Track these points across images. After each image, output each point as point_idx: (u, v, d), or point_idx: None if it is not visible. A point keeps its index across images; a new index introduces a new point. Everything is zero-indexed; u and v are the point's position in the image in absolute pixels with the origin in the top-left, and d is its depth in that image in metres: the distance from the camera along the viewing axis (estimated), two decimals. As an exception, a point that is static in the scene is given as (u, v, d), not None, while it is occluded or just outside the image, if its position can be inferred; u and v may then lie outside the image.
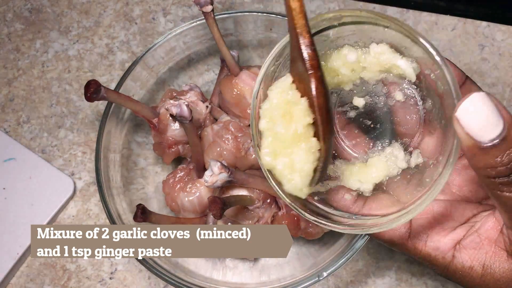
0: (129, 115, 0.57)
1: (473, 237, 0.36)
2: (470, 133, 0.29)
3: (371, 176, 0.38)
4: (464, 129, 0.29)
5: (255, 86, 0.37)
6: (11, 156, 0.60)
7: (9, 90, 0.64)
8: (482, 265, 0.35)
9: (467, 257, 0.35)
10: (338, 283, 0.56)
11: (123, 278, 0.57)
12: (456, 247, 0.36)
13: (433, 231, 0.37)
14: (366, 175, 0.38)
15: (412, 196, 0.35)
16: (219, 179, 0.45)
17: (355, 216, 0.38)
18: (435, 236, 0.37)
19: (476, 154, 0.29)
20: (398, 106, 0.38)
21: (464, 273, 0.36)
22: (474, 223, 0.36)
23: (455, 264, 0.36)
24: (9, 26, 0.67)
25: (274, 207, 0.50)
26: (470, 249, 0.35)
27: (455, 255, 0.36)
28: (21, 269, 0.57)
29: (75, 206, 0.59)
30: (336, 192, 0.39)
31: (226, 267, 0.56)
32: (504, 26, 0.65)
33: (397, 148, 0.38)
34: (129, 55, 0.66)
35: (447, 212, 0.37)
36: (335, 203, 0.39)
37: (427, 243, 0.37)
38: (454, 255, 0.36)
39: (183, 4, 0.68)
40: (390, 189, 0.38)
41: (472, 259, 0.35)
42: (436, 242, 0.37)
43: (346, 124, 0.40)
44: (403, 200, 0.36)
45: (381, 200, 0.38)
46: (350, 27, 0.36)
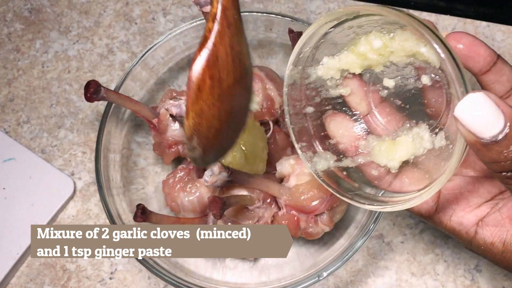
0: (129, 115, 0.57)
1: (495, 215, 0.37)
2: (471, 130, 0.29)
3: (397, 154, 0.39)
4: (465, 127, 0.29)
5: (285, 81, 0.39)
6: (11, 156, 0.60)
7: (9, 90, 0.64)
8: (502, 242, 0.36)
9: (489, 234, 0.36)
10: (338, 283, 0.56)
11: (123, 278, 0.57)
12: (479, 223, 0.37)
13: (459, 207, 0.38)
14: (393, 153, 0.39)
15: (437, 174, 0.36)
16: (219, 179, 0.45)
17: (382, 192, 0.39)
18: (460, 211, 0.38)
19: (480, 149, 0.30)
20: (425, 88, 0.39)
21: (486, 248, 0.37)
22: (498, 201, 0.37)
23: (477, 240, 0.37)
24: (9, 26, 0.67)
25: (274, 207, 0.50)
26: (492, 226, 0.36)
27: (478, 231, 0.37)
28: (21, 269, 0.57)
29: (75, 206, 0.59)
30: (365, 167, 0.40)
31: (226, 267, 0.56)
32: (504, 26, 0.65)
33: (423, 129, 0.39)
34: (129, 55, 0.66)
35: (473, 189, 0.38)
36: (363, 178, 0.40)
37: (451, 218, 0.38)
38: (477, 231, 0.37)
39: (183, 4, 0.68)
40: (417, 166, 0.39)
41: (493, 236, 0.36)
42: (460, 218, 0.37)
43: (379, 102, 0.41)
44: (429, 177, 0.37)
45: (409, 177, 0.39)
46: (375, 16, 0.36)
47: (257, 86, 0.53)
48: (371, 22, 0.37)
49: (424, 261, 0.56)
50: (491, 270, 0.56)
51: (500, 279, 0.55)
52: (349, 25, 0.37)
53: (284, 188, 0.49)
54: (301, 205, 0.48)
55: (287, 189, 0.49)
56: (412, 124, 0.40)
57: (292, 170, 0.50)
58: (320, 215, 0.49)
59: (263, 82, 0.53)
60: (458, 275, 0.56)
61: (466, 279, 0.55)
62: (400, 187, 0.39)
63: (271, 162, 0.53)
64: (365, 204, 0.39)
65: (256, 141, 0.50)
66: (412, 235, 0.57)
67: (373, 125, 0.41)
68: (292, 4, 0.67)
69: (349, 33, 0.37)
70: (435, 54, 0.32)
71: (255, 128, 0.52)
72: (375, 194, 0.40)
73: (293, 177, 0.50)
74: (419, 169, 0.38)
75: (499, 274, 0.55)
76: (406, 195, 0.37)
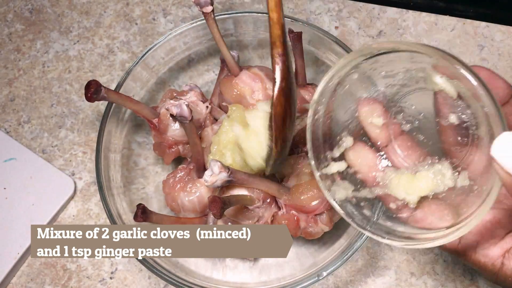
0: (130, 115, 0.57)
1: None
2: (508, 171, 0.29)
3: (417, 189, 0.39)
4: (502, 168, 0.29)
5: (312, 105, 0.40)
6: (11, 156, 0.60)
7: (10, 90, 0.64)
8: None
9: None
10: (337, 283, 0.56)
11: (124, 278, 0.57)
12: (505, 255, 0.37)
13: (483, 239, 0.38)
14: (413, 187, 0.39)
15: (461, 209, 0.36)
16: (219, 178, 0.45)
17: (402, 226, 0.39)
18: (485, 243, 0.38)
19: None
20: (450, 127, 0.38)
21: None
22: None
23: (505, 271, 0.37)
24: (10, 27, 0.68)
25: (274, 207, 0.50)
26: None
27: (504, 262, 0.37)
28: (22, 268, 0.57)
29: (75, 206, 0.60)
30: (383, 199, 0.40)
31: (226, 267, 0.56)
32: (504, 26, 0.65)
33: (446, 167, 0.39)
34: (130, 55, 0.66)
35: (495, 220, 0.38)
36: (382, 210, 0.40)
37: (477, 250, 0.38)
38: (503, 262, 0.37)
39: (183, 4, 0.68)
40: (436, 202, 0.39)
41: None
42: (485, 250, 0.37)
43: (400, 135, 0.41)
44: (452, 212, 0.37)
45: (430, 212, 0.39)
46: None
47: (257, 86, 0.53)
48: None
49: (423, 260, 0.56)
50: (491, 270, 0.56)
51: (500, 279, 0.55)
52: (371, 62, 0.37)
53: (284, 188, 0.49)
54: (301, 205, 0.48)
55: (287, 189, 0.49)
56: (434, 160, 0.40)
57: (292, 170, 0.50)
58: (320, 215, 0.49)
59: (263, 82, 0.54)
60: (458, 274, 0.56)
61: (465, 279, 0.55)
62: (421, 221, 0.39)
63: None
64: (394, 241, 0.38)
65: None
66: (411, 235, 0.57)
67: (392, 157, 0.41)
68: (292, 5, 0.67)
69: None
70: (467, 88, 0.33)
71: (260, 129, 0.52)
72: (394, 227, 0.39)
73: (293, 177, 0.50)
74: (439, 204, 0.38)
75: (499, 274, 0.56)
76: (430, 232, 0.37)
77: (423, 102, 0.39)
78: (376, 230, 0.39)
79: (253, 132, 0.49)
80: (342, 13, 0.67)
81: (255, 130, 0.49)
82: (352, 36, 0.66)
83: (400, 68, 0.39)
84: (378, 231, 0.39)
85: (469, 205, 0.36)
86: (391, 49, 0.35)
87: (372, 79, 0.40)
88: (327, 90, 0.39)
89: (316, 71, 0.62)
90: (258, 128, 0.49)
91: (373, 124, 0.40)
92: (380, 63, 0.38)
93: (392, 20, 0.66)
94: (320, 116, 0.40)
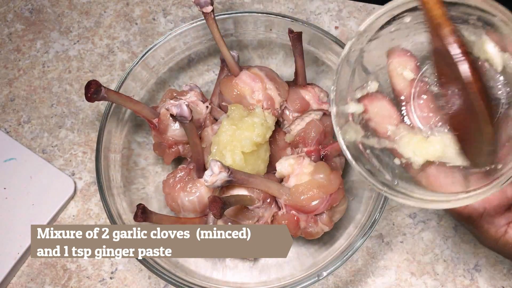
0: (130, 115, 0.57)
1: None
2: None
3: (426, 152, 0.39)
4: None
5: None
6: (11, 156, 0.60)
7: (10, 90, 0.65)
8: None
9: None
10: (337, 283, 0.56)
11: (124, 278, 0.57)
12: (510, 224, 0.39)
13: (490, 206, 0.39)
14: (422, 149, 0.39)
15: (469, 181, 0.37)
16: (219, 178, 0.45)
17: (397, 181, 0.39)
18: (491, 211, 0.39)
19: None
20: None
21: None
22: None
23: (506, 239, 0.39)
24: (10, 27, 0.68)
25: (274, 207, 0.50)
26: None
27: (508, 231, 0.39)
28: (22, 268, 0.57)
29: (75, 206, 0.60)
30: (387, 153, 0.40)
31: (226, 267, 0.56)
32: (504, 26, 0.65)
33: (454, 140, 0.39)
34: (130, 55, 0.66)
35: (504, 192, 0.39)
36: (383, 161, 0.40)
37: (483, 216, 0.39)
38: (507, 230, 0.39)
39: (183, 4, 0.68)
40: (445, 166, 0.39)
41: None
42: (491, 217, 0.39)
43: (425, 94, 0.41)
44: (458, 182, 0.37)
45: (439, 173, 0.39)
46: None
47: (257, 86, 0.53)
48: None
49: (423, 260, 0.56)
50: (490, 270, 0.56)
51: (499, 278, 0.55)
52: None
53: (284, 188, 0.49)
54: (301, 205, 0.48)
55: (287, 189, 0.49)
56: (452, 130, 0.39)
57: (292, 170, 0.50)
58: (320, 215, 0.49)
59: (263, 82, 0.54)
60: (458, 274, 0.56)
61: (465, 279, 0.55)
62: (433, 181, 0.39)
63: (271, 162, 0.53)
64: (409, 199, 0.37)
65: (256, 139, 0.50)
66: (411, 235, 0.57)
67: (409, 115, 0.41)
68: (292, 5, 0.67)
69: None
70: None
71: (256, 126, 0.52)
72: (392, 180, 0.39)
73: (293, 177, 0.50)
74: (450, 169, 0.38)
75: (498, 274, 0.56)
76: (439, 196, 0.37)
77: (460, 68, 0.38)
78: (379, 182, 0.39)
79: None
80: (342, 13, 0.67)
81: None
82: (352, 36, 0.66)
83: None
84: (380, 184, 0.38)
85: (479, 177, 0.36)
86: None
87: (418, 30, 0.39)
88: (374, 26, 0.38)
89: (316, 71, 0.62)
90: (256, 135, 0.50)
91: (401, 77, 0.40)
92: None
93: (392, 20, 0.66)
94: (356, 51, 0.39)
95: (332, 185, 0.48)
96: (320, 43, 0.57)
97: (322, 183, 0.48)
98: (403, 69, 0.40)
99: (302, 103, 0.55)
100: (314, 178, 0.48)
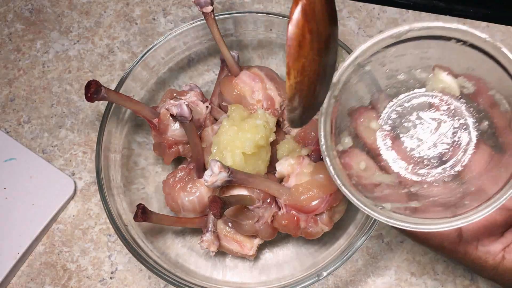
0: (130, 115, 0.57)
1: None
2: None
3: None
4: None
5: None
6: (11, 156, 0.60)
7: (10, 90, 0.65)
8: None
9: None
10: (337, 283, 0.56)
11: (124, 278, 0.57)
12: (506, 249, 0.39)
13: (483, 236, 0.39)
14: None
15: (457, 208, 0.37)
16: (219, 178, 0.45)
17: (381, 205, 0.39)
18: (485, 240, 0.39)
19: None
20: (448, 125, 0.40)
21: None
22: None
23: (505, 264, 0.39)
24: (10, 27, 0.68)
25: (274, 207, 0.50)
26: None
27: (505, 256, 0.39)
28: (22, 268, 0.57)
29: (75, 206, 0.60)
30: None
31: (226, 267, 0.56)
32: (504, 26, 0.65)
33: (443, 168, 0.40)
34: (130, 55, 0.66)
35: (492, 219, 0.39)
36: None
37: (478, 247, 0.39)
38: (504, 256, 0.39)
39: (183, 4, 0.68)
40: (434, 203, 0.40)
41: None
42: (486, 246, 0.39)
43: (395, 139, 0.42)
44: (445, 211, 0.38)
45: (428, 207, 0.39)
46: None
47: (257, 86, 0.53)
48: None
49: (423, 260, 0.56)
50: (491, 270, 0.56)
51: (500, 278, 0.55)
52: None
53: (284, 188, 0.49)
54: (301, 205, 0.48)
55: (287, 189, 0.49)
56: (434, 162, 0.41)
57: (291, 170, 0.50)
58: (320, 215, 0.49)
59: (263, 82, 0.54)
60: (458, 274, 0.56)
61: (465, 279, 0.55)
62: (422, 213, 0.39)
63: (271, 162, 0.53)
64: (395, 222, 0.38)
65: (259, 141, 0.50)
66: (411, 235, 0.57)
67: (384, 162, 0.42)
68: (292, 5, 0.67)
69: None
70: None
71: (259, 128, 0.52)
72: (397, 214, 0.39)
73: (293, 177, 0.50)
74: (438, 205, 0.39)
75: (499, 274, 0.56)
76: (429, 221, 0.37)
77: (421, 104, 0.40)
78: (375, 210, 0.39)
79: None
80: (342, 13, 0.67)
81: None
82: (352, 36, 0.66)
83: (404, 68, 0.39)
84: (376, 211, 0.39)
85: (466, 202, 0.37)
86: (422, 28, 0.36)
87: (375, 79, 0.40)
88: (344, 75, 0.39)
89: (316, 71, 0.62)
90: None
91: (369, 130, 0.41)
92: (389, 58, 0.39)
93: (392, 20, 0.66)
94: (330, 105, 0.39)
95: (332, 185, 0.48)
96: (320, 43, 0.56)
97: (322, 183, 0.48)
98: (368, 123, 0.41)
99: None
100: (314, 178, 0.48)
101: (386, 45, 0.38)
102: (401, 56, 0.39)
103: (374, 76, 0.40)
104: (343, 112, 0.41)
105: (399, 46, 0.38)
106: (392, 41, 0.37)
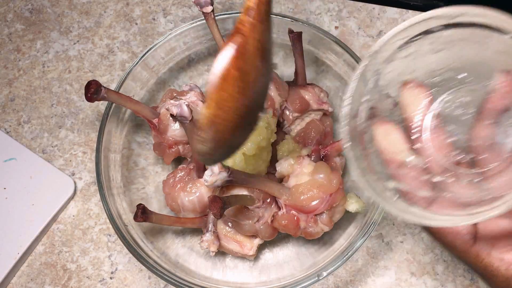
0: (130, 115, 0.57)
1: None
2: None
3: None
4: None
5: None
6: (11, 156, 0.60)
7: (10, 90, 0.65)
8: None
9: None
10: (337, 283, 0.56)
11: (124, 278, 0.57)
12: None
13: (500, 243, 0.37)
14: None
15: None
16: (219, 178, 0.45)
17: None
18: (501, 248, 0.37)
19: None
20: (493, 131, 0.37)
21: None
22: None
23: None
24: (10, 27, 0.68)
25: (274, 207, 0.50)
26: None
27: None
28: (22, 268, 0.57)
29: (75, 206, 0.60)
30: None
31: (226, 267, 0.56)
32: (504, 26, 0.65)
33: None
34: (130, 55, 0.66)
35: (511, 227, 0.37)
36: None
37: (491, 253, 0.37)
38: None
39: (183, 4, 0.68)
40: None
41: None
42: (501, 254, 0.37)
43: (437, 127, 0.39)
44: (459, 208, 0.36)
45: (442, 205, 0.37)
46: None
47: (257, 86, 0.53)
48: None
49: (423, 260, 0.56)
50: (491, 270, 0.56)
51: (500, 279, 0.55)
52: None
53: (284, 188, 0.49)
54: (301, 205, 0.48)
55: (287, 189, 0.49)
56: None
57: (291, 170, 0.50)
58: (320, 215, 0.49)
59: (263, 82, 0.54)
60: (458, 274, 0.56)
61: (465, 279, 0.55)
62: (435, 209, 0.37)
63: (271, 162, 0.53)
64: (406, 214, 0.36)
65: (260, 143, 0.50)
66: (411, 235, 0.57)
67: (420, 147, 0.39)
68: (292, 5, 0.67)
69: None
70: None
71: (261, 130, 0.52)
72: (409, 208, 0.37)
73: (293, 177, 0.50)
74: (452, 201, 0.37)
75: (499, 274, 0.56)
76: (442, 216, 0.35)
77: (474, 98, 0.37)
78: (389, 204, 0.37)
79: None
80: (342, 13, 0.67)
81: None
82: (352, 36, 0.66)
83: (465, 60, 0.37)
84: (390, 205, 0.36)
85: (482, 203, 0.35)
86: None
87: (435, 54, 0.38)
88: (388, 47, 0.36)
89: (316, 71, 0.62)
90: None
91: (414, 107, 0.38)
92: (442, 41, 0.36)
93: (392, 20, 0.66)
94: (370, 71, 0.37)
95: (332, 185, 0.48)
96: (320, 43, 0.57)
97: (322, 183, 0.48)
98: (417, 101, 0.38)
99: (302, 103, 0.55)
100: (314, 178, 0.48)
101: (439, 24, 0.35)
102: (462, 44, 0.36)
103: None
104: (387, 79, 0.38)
105: (457, 30, 0.35)
106: (444, 22, 0.35)
